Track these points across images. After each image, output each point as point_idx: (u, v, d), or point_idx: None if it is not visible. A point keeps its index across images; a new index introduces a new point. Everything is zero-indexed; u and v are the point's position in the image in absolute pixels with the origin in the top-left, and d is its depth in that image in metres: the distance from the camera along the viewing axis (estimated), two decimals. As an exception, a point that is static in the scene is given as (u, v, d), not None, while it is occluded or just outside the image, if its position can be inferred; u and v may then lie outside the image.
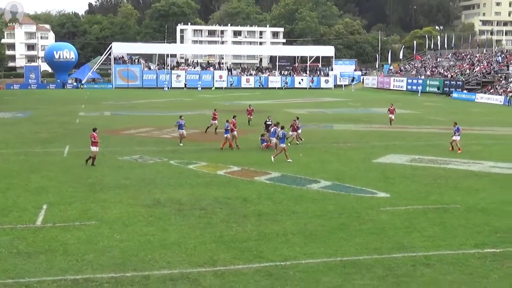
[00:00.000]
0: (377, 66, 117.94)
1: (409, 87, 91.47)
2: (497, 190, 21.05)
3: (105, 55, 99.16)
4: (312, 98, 75.77)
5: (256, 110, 45.32)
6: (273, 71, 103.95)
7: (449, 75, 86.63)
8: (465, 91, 78.58)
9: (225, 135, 29.14)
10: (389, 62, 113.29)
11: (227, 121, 29.61)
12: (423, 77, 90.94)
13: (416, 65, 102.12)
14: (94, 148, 24.76)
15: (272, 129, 28.19)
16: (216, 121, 35.70)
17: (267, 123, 32.07)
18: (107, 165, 24.94)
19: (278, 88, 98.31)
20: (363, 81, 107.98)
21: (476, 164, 26.47)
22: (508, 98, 68.32)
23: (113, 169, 24.07)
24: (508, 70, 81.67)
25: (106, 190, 20.09)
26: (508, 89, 73.35)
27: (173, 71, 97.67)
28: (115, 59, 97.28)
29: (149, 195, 19.37)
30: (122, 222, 16.10)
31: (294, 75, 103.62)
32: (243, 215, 16.93)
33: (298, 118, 32.83)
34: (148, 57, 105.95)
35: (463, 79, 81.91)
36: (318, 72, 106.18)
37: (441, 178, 23.00)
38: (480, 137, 35.85)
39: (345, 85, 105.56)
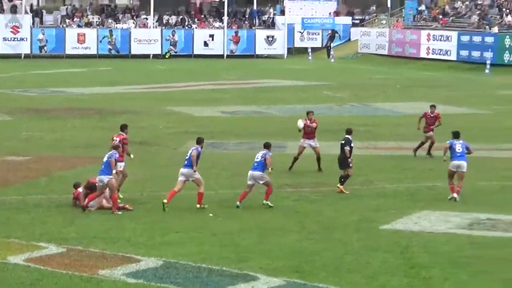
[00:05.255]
0: (388, 4, 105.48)
1: (464, 53, 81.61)
2: None
3: None
4: (237, 80, 69.41)
5: (108, 111, 45.65)
6: (142, 16, 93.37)
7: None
8: None
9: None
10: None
11: (114, 147, 26.32)
12: (496, 30, 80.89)
13: (478, 1, 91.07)
14: None
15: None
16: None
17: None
18: None
19: (153, 56, 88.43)
20: (354, 39, 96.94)
21: None
22: None
23: None
24: None
25: None
26: None
27: None
28: None
29: None
30: None
31: (193, 26, 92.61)
32: None
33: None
34: None
35: None
36: (250, 19, 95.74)
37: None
38: None
39: (312, 49, 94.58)
